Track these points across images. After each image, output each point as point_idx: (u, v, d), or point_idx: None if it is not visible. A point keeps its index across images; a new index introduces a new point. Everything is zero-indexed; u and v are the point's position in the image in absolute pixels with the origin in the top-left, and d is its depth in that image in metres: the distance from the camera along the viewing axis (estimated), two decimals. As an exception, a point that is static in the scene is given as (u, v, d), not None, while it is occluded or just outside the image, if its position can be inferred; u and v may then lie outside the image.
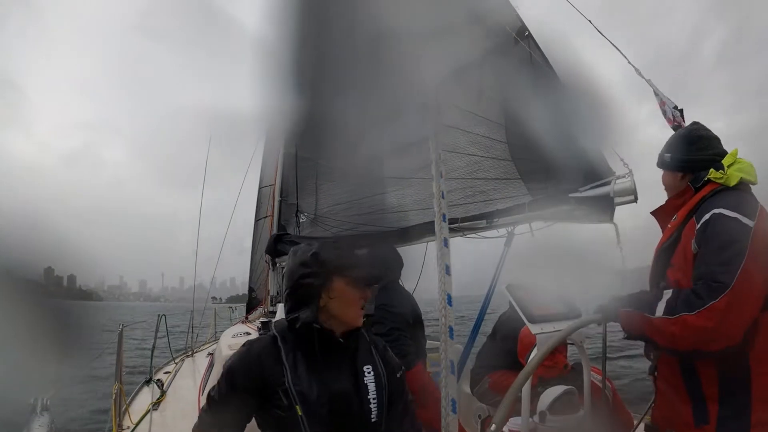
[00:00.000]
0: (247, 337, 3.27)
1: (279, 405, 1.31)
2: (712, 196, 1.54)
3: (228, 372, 1.38)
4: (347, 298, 1.39)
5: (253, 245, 6.81)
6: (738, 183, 1.53)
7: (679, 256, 1.55)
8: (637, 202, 2.01)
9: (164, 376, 4.14)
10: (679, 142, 1.72)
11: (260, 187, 6.34)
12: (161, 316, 5.28)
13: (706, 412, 1.47)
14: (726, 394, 1.45)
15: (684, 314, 1.39)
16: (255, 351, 1.39)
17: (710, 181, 1.58)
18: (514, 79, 2.18)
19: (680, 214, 1.62)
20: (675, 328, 1.40)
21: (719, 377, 1.45)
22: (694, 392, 1.51)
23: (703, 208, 1.52)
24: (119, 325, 3.52)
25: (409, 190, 3.11)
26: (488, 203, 2.66)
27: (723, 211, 1.45)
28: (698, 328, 1.36)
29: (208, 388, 2.74)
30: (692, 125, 1.76)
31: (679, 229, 1.58)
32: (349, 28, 1.78)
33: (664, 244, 1.63)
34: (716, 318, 1.34)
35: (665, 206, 1.73)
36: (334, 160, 3.48)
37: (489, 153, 2.66)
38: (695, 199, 1.59)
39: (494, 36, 2.26)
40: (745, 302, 1.36)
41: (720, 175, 1.55)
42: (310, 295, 1.38)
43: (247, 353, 1.40)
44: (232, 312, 8.42)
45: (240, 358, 1.39)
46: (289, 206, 4.37)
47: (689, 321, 1.37)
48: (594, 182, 2.09)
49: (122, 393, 3.08)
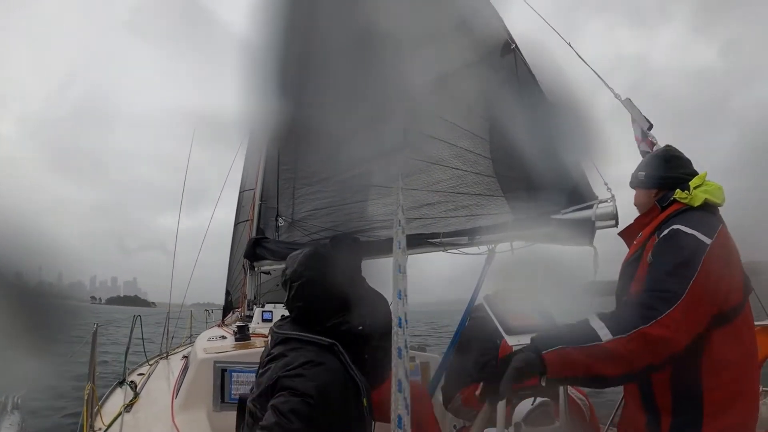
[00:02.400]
0: (223, 341, 3.20)
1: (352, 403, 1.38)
2: (675, 216, 1.57)
3: (318, 392, 1.29)
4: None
5: (232, 249, 6.73)
6: (702, 204, 1.55)
7: (641, 271, 1.58)
8: (617, 226, 2.00)
9: (138, 378, 4.03)
10: (654, 160, 1.76)
11: (241, 190, 6.26)
12: (136, 317, 5.12)
13: (659, 423, 1.49)
14: (678, 407, 1.46)
15: (641, 327, 1.30)
16: (327, 363, 1.38)
17: (675, 201, 1.61)
18: (500, 93, 2.16)
19: (645, 232, 1.65)
20: (633, 344, 1.30)
21: (672, 389, 1.47)
22: (648, 404, 1.53)
23: (665, 225, 1.56)
24: (94, 325, 3.41)
25: (388, 199, 3.06)
26: (470, 219, 2.63)
27: (681, 227, 1.48)
28: (657, 338, 1.30)
29: (183, 391, 2.71)
30: (666, 147, 1.82)
31: (643, 245, 1.61)
32: (334, 33, 1.74)
33: (629, 260, 1.67)
34: (674, 326, 1.30)
35: (632, 225, 1.77)
36: (314, 165, 3.44)
37: (473, 168, 2.63)
38: (661, 217, 1.62)
39: (480, 48, 2.24)
40: (696, 311, 1.36)
41: (685, 195, 1.58)
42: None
43: (323, 369, 1.35)
44: (208, 315, 8.29)
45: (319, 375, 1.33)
46: (268, 210, 4.31)
47: (648, 332, 1.30)
48: (576, 204, 2.08)
49: (95, 394, 2.96)
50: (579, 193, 2.10)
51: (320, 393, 1.29)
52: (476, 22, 1.95)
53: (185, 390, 2.67)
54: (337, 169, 3.03)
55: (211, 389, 2.55)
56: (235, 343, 3.03)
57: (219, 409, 2.50)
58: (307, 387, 1.29)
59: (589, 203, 2.06)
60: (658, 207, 1.66)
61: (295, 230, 3.97)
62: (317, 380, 1.31)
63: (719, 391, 1.42)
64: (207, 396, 2.55)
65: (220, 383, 2.54)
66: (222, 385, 2.54)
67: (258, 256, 4.19)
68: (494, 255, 2.53)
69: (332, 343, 1.41)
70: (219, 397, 2.53)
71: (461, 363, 3.09)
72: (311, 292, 1.47)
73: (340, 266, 1.48)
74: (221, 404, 2.51)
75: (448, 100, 2.39)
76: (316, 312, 1.46)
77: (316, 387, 1.29)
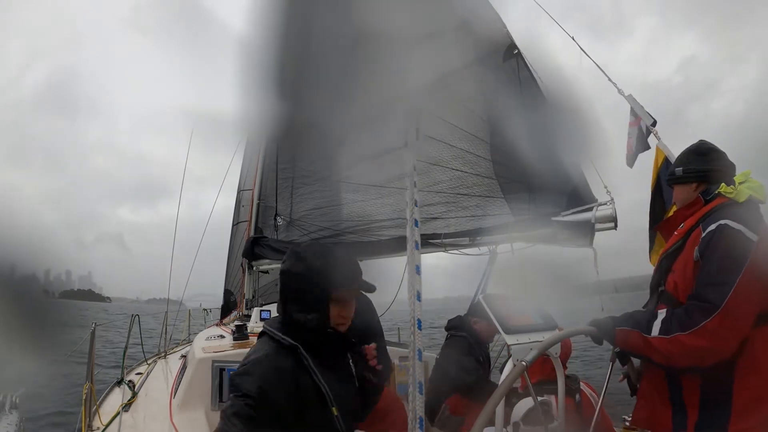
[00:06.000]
0: (221, 340, 3.20)
1: (313, 411, 1.32)
2: (721, 209, 1.56)
3: (260, 392, 1.25)
4: (346, 305, 1.42)
5: (230, 249, 6.71)
6: (747, 200, 1.56)
7: (680, 262, 1.59)
8: (616, 228, 2.00)
9: (136, 377, 4.03)
10: (690, 155, 1.76)
11: (239, 190, 6.25)
12: (134, 316, 5.11)
13: (685, 418, 1.51)
14: (706, 404, 1.48)
15: (678, 334, 1.44)
16: (278, 363, 1.33)
17: (720, 195, 1.61)
18: (501, 96, 2.16)
19: (687, 223, 1.65)
20: (671, 347, 1.45)
21: (701, 387, 1.49)
22: (675, 398, 1.55)
23: (710, 218, 1.55)
24: (92, 324, 3.41)
25: (388, 199, 3.05)
26: (470, 219, 2.63)
27: (729, 222, 1.48)
28: (692, 347, 1.41)
29: (181, 390, 2.72)
30: (700, 141, 1.81)
31: (685, 237, 1.61)
32: (333, 32, 1.73)
33: (668, 250, 1.67)
34: (708, 337, 1.39)
35: (673, 217, 1.77)
36: (312, 164, 3.43)
37: (473, 169, 2.63)
38: (704, 210, 1.62)
39: (482, 51, 2.24)
40: (736, 321, 1.39)
41: (730, 190, 1.58)
42: (320, 300, 1.38)
43: (271, 368, 1.31)
44: (206, 314, 8.27)
45: (265, 375, 1.29)
46: (266, 209, 4.31)
47: (684, 341, 1.42)
48: (576, 207, 2.08)
49: (93, 393, 2.96)
50: (579, 195, 2.10)
51: (261, 394, 1.25)
52: (477, 23, 1.94)
53: (183, 389, 2.67)
54: (336, 168, 3.02)
55: (209, 388, 2.55)
56: (233, 343, 3.02)
57: (217, 408, 2.49)
58: (250, 387, 1.26)
59: (589, 205, 2.07)
60: (701, 200, 1.66)
61: (293, 229, 3.97)
62: (261, 380, 1.27)
63: (748, 391, 1.43)
64: (205, 395, 2.55)
65: (218, 382, 2.54)
66: (220, 384, 2.54)
67: (257, 255, 4.19)
68: (496, 255, 2.52)
69: (294, 346, 1.35)
70: (217, 397, 2.53)
71: (444, 376, 3.12)
72: (286, 287, 1.43)
73: (317, 264, 1.39)
74: (219, 403, 2.50)
75: (449, 101, 2.39)
76: (288, 308, 1.41)
77: (259, 387, 1.25)
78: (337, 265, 1.41)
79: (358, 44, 1.43)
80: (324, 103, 1.53)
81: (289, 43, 1.85)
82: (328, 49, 1.68)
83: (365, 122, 1.46)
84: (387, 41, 1.37)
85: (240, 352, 2.73)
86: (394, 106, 1.45)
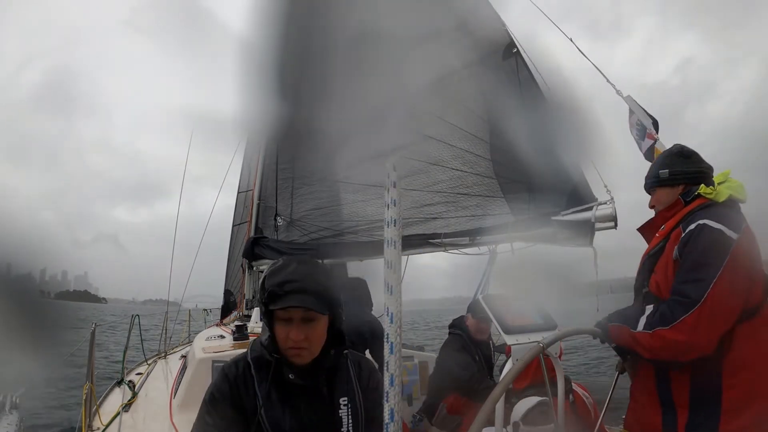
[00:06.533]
0: (221, 340, 3.19)
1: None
2: (701, 209, 1.59)
3: (211, 400, 1.30)
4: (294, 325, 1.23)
5: (230, 249, 6.70)
6: (726, 199, 1.58)
7: (662, 263, 1.61)
8: (616, 228, 2.00)
9: (136, 377, 4.02)
10: (674, 157, 1.78)
11: (239, 191, 6.24)
12: (134, 316, 5.11)
13: (675, 419, 1.52)
14: (696, 403, 1.49)
15: (659, 328, 1.48)
16: (231, 378, 1.30)
17: (699, 195, 1.63)
18: (501, 96, 2.16)
19: (668, 225, 1.67)
20: (653, 341, 1.50)
21: (691, 386, 1.50)
22: (665, 399, 1.57)
23: (690, 218, 1.58)
24: (92, 325, 3.41)
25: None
26: (470, 219, 2.63)
27: (708, 222, 1.50)
28: (672, 341, 1.45)
29: (181, 390, 2.70)
30: (678, 145, 1.83)
31: (666, 239, 1.64)
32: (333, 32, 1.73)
33: (651, 252, 1.69)
34: (687, 332, 1.42)
35: (654, 219, 1.78)
36: (312, 164, 3.43)
37: (473, 169, 2.63)
38: (684, 211, 1.64)
39: (482, 50, 2.24)
40: (714, 316, 1.41)
41: (710, 191, 1.60)
42: (266, 315, 1.28)
43: (224, 380, 1.31)
44: (206, 315, 8.27)
45: (218, 386, 1.31)
46: (266, 209, 4.30)
47: (664, 335, 1.46)
48: (576, 206, 2.08)
49: (93, 393, 2.96)
50: (579, 194, 2.10)
51: (211, 398, 1.29)
52: (476, 22, 1.94)
53: (183, 389, 2.66)
54: (336, 168, 3.02)
55: (209, 389, 2.55)
56: (233, 343, 3.02)
57: (217, 408, 2.49)
58: (208, 392, 1.32)
59: (589, 205, 2.07)
60: (681, 201, 1.68)
61: (293, 229, 3.96)
62: (214, 385, 1.32)
63: (737, 390, 1.44)
64: (205, 395, 2.55)
65: (218, 383, 2.53)
66: (220, 384, 2.53)
67: (257, 256, 4.19)
68: (496, 255, 2.52)
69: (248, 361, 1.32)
70: (217, 397, 2.53)
71: (442, 376, 3.15)
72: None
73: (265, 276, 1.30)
74: (220, 404, 2.50)
75: (449, 101, 2.39)
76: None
77: (211, 393, 1.30)
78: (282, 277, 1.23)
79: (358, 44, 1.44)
80: (324, 103, 1.54)
81: (290, 43, 1.86)
82: (330, 47, 1.68)
83: (365, 122, 1.46)
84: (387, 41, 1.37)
85: (240, 353, 2.73)
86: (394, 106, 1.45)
